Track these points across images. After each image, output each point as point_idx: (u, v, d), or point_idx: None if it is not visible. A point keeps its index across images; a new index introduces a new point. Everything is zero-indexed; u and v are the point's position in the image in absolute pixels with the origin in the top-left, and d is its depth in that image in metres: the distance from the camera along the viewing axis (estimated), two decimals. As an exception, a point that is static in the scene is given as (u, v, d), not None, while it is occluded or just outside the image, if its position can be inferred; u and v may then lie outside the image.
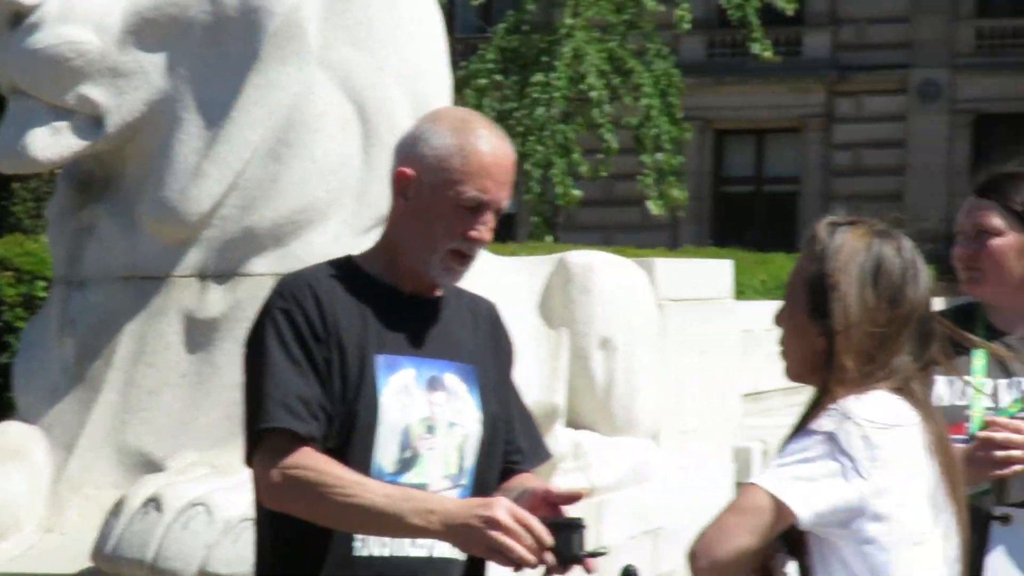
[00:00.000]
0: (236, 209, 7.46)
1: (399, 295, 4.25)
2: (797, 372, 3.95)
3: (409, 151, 4.25)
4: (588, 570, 3.90)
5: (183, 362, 7.50)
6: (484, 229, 4.21)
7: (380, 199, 7.64)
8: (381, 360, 4.16)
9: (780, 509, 3.71)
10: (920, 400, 3.88)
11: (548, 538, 3.84)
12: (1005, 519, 4.59)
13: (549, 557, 3.85)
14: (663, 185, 27.38)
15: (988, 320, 4.90)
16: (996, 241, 4.79)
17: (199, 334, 7.49)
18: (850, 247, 3.93)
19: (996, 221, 4.79)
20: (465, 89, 25.47)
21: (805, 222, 37.33)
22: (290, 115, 7.53)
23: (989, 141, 42.81)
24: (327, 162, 7.57)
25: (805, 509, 3.71)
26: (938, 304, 6.99)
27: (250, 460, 4.11)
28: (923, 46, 44.82)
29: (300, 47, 7.54)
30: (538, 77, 26.10)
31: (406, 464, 4.16)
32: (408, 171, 4.22)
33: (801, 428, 3.85)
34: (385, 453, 4.13)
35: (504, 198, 4.26)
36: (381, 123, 7.65)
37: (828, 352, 3.85)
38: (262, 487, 4.08)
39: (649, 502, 9.49)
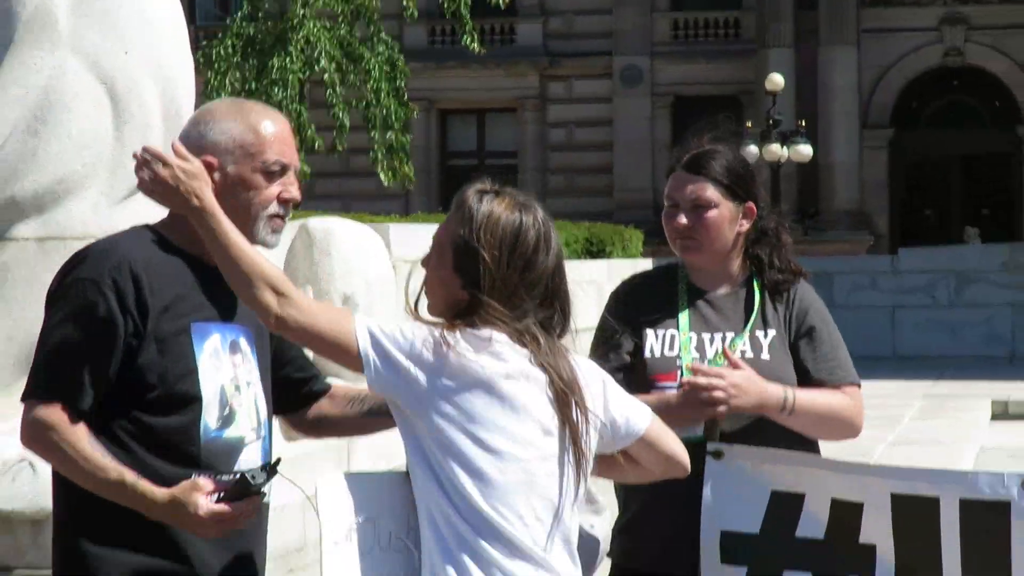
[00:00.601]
0: (-1, 180, 7.46)
1: (204, 266, 4.18)
2: (440, 312, 4.03)
3: (201, 143, 4.20)
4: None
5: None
6: (293, 189, 4.26)
7: (132, 172, 7.69)
8: (196, 327, 4.14)
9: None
10: (544, 351, 3.99)
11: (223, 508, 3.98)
12: (718, 454, 4.60)
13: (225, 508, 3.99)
14: (394, 159, 27.46)
15: (689, 279, 4.91)
16: (711, 213, 4.77)
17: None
18: (495, 216, 4.02)
19: (711, 194, 4.79)
20: (208, 71, 25.35)
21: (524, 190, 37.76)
22: (46, 95, 7.46)
23: (686, 120, 43.36)
24: (82, 138, 7.52)
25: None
26: (647, 264, 7.14)
27: (24, 401, 4.10)
28: (625, 35, 45.74)
29: (52, 33, 7.48)
30: (274, 62, 26.05)
31: (226, 421, 4.15)
32: (208, 159, 4.16)
33: None
34: (210, 412, 4.11)
35: (297, 159, 4.32)
36: (131, 102, 7.63)
37: (468, 303, 3.99)
38: (25, 433, 4.10)
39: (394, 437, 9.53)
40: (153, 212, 4.35)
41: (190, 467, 4.09)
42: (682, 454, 4.24)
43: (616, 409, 4.11)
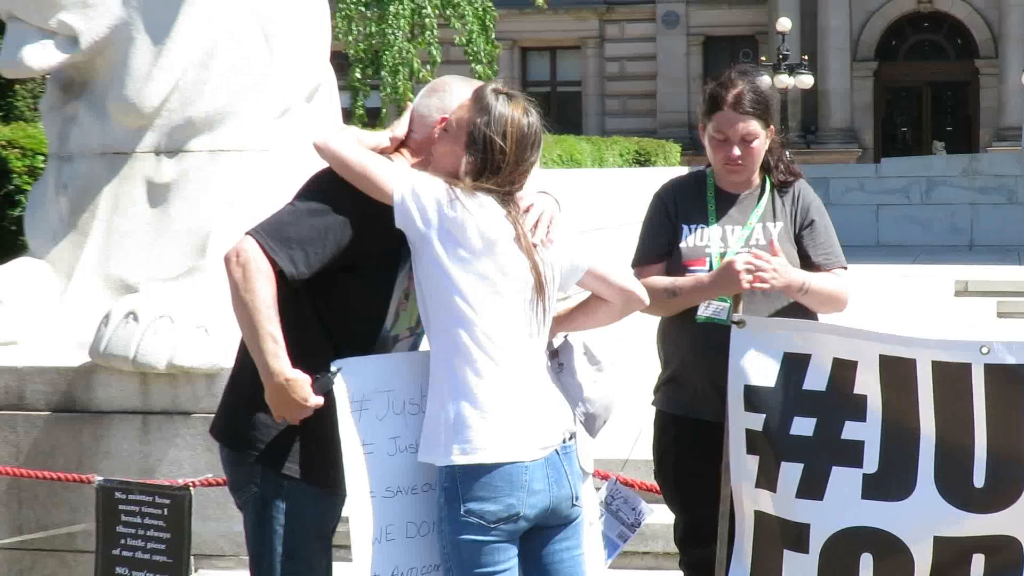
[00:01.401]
0: (178, 104, 7.34)
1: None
2: (443, 173, 4.05)
3: (441, 106, 4.19)
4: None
5: (147, 214, 7.38)
6: None
7: (279, 95, 7.70)
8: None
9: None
10: (518, 214, 4.01)
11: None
12: (741, 323, 4.57)
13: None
14: (484, 87, 27.50)
15: (716, 184, 4.86)
16: (756, 143, 4.72)
17: (157, 194, 7.41)
18: (508, 116, 4.02)
19: (754, 128, 4.70)
20: (336, 16, 25.27)
21: (587, 114, 37.27)
22: (215, 34, 7.46)
23: (714, 55, 43.69)
24: (241, 69, 7.49)
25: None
26: (683, 170, 7.06)
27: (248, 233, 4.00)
28: (665, -14, 45.38)
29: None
30: (390, 9, 25.93)
31: (394, 321, 4.18)
32: (445, 116, 4.14)
33: None
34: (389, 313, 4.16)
35: None
36: (279, 38, 7.63)
37: (468, 173, 4.00)
38: (232, 260, 3.94)
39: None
40: (298, 130, 4.34)
41: (359, 351, 4.09)
42: (636, 287, 4.31)
43: (565, 251, 4.13)
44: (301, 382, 3.94)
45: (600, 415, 4.29)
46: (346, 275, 4.05)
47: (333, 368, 4.00)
